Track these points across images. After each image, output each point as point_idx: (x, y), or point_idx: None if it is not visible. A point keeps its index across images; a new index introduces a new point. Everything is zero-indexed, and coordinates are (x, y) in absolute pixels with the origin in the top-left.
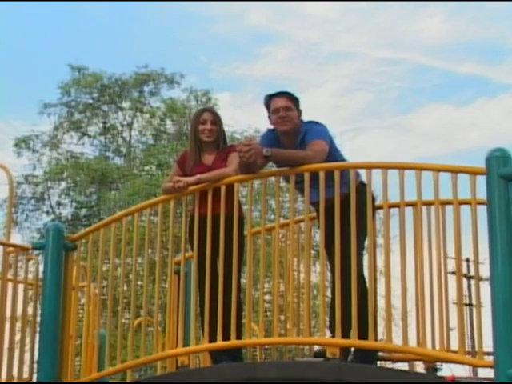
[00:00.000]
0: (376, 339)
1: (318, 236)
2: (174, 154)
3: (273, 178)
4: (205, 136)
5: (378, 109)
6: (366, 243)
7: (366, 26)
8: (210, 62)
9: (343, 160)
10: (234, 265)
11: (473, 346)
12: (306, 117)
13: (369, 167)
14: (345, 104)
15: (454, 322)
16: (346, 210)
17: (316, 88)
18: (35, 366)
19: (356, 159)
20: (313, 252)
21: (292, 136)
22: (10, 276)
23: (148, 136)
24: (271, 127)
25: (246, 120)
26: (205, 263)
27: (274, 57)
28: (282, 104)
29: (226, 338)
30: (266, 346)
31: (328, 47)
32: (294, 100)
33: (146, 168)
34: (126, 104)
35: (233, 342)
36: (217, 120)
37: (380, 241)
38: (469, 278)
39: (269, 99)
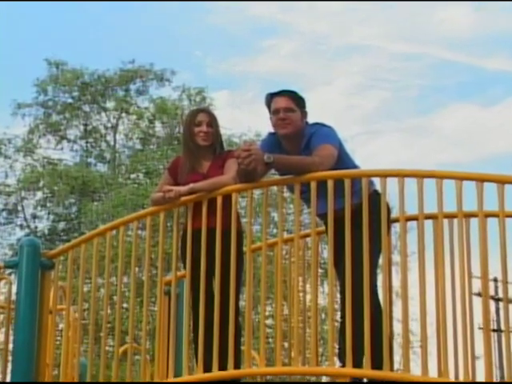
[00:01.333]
0: (392, 369)
1: (326, 252)
2: (165, 160)
3: (275, 188)
4: (200, 140)
5: (395, 109)
6: (381, 260)
7: (381, 16)
8: (205, 56)
9: (354, 167)
10: (232, 285)
11: (501, 377)
12: (313, 118)
13: (383, 175)
14: (357, 104)
15: (479, 349)
16: (358, 223)
17: (325, 86)
18: None
19: (369, 166)
20: (320, 270)
21: (295, 140)
22: None
23: (135, 140)
24: (273, 130)
25: (246, 122)
26: (199, 283)
27: (278, 51)
28: (283, 104)
29: (222, 367)
30: (268, 377)
31: (338, 40)
32: (298, 100)
33: (133, 176)
34: (110, 104)
35: (230, 371)
36: (213, 122)
37: (396, 258)
38: (497, 300)
39: (270, 98)
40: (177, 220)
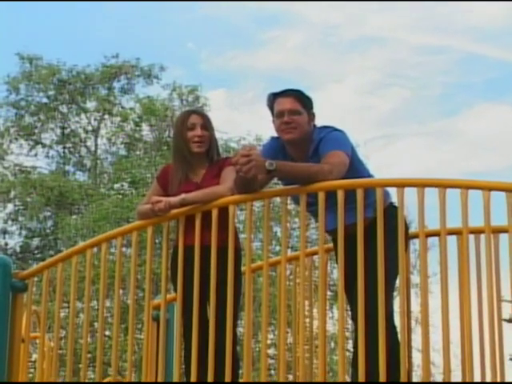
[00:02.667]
0: None
1: (336, 273)
2: (153, 168)
3: (278, 199)
4: (193, 145)
5: (415, 110)
6: (398, 282)
7: (401, 3)
8: (198, 50)
9: (369, 176)
10: (229, 310)
11: None
12: (322, 120)
13: (401, 185)
14: (372, 104)
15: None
16: (372, 240)
17: (336, 84)
18: None
19: (385, 175)
20: (329, 293)
21: (302, 146)
22: None
23: (119, 145)
24: (276, 135)
25: (245, 125)
26: (191, 308)
27: (283, 43)
28: (287, 106)
29: None
30: None
31: (351, 31)
32: (305, 101)
33: (117, 186)
34: (90, 104)
35: None
36: (208, 125)
37: (415, 279)
38: None
39: (273, 99)
40: (167, 236)
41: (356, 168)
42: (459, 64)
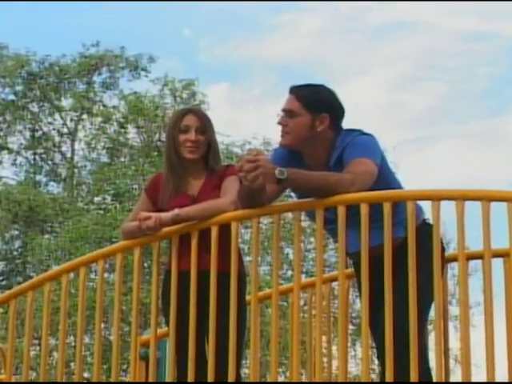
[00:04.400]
0: None
1: (359, 303)
2: (141, 177)
3: (290, 215)
4: (187, 151)
5: (455, 108)
6: (433, 313)
7: None
8: (197, 37)
9: (399, 188)
10: (232, 346)
11: None
12: (344, 121)
13: (437, 197)
14: (403, 101)
15: None
16: (402, 264)
17: (360, 76)
18: None
19: (418, 185)
20: (351, 327)
21: (321, 153)
22: None
23: (100, 151)
24: None
25: (251, 126)
26: (187, 344)
27: (296, 30)
28: (284, 106)
29: None
30: None
31: (379, 15)
32: (310, 100)
33: (98, 199)
34: (66, 102)
35: None
36: (206, 127)
37: (454, 310)
38: None
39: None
40: (157, 259)
41: (385, 179)
42: (508, 53)
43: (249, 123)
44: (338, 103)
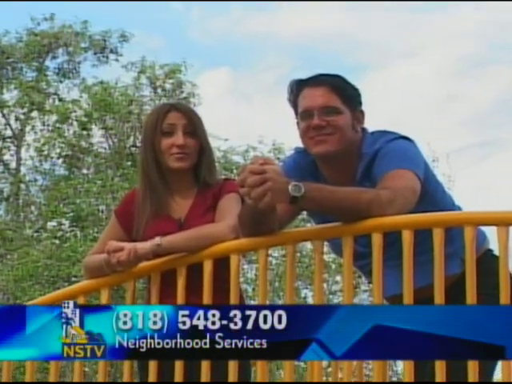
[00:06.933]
0: None
1: (401, 363)
2: (109, 196)
3: (308, 245)
4: (173, 159)
5: None
6: (498, 374)
7: None
8: (186, 8)
9: (451, 208)
10: None
11: None
12: (378, 121)
13: (504, 222)
14: (463, 91)
15: None
16: None
17: (405, 60)
18: None
19: (480, 206)
20: None
21: (344, 162)
22: None
23: (55, 160)
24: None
25: (258, 127)
26: None
27: None
28: (319, 101)
29: None
30: None
31: None
32: (347, 93)
33: (51, 225)
34: (8, 95)
35: None
36: (196, 127)
37: None
38: None
39: (297, 90)
40: (131, 303)
41: (432, 197)
42: None
43: (254, 123)
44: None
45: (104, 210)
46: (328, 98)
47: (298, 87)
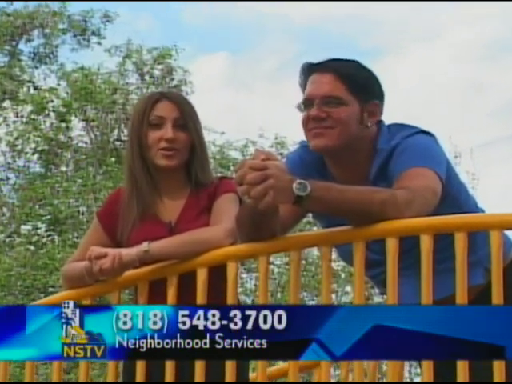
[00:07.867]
0: None
1: (421, 379)
2: (91, 196)
3: (315, 252)
4: (161, 155)
5: None
6: None
7: None
8: None
9: (475, 210)
10: None
11: None
12: (394, 111)
13: None
14: (488, 80)
15: None
16: None
17: (424, 43)
18: None
19: (506, 208)
20: None
21: (355, 158)
22: None
23: (30, 156)
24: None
25: (258, 118)
26: None
27: None
28: (322, 90)
29: None
30: None
31: None
32: (357, 81)
33: (26, 229)
34: None
35: None
36: (189, 118)
37: None
38: None
39: (307, 74)
40: None
41: (454, 199)
42: None
43: (255, 114)
44: (381, 86)
45: (85, 212)
46: (332, 87)
47: (308, 71)
